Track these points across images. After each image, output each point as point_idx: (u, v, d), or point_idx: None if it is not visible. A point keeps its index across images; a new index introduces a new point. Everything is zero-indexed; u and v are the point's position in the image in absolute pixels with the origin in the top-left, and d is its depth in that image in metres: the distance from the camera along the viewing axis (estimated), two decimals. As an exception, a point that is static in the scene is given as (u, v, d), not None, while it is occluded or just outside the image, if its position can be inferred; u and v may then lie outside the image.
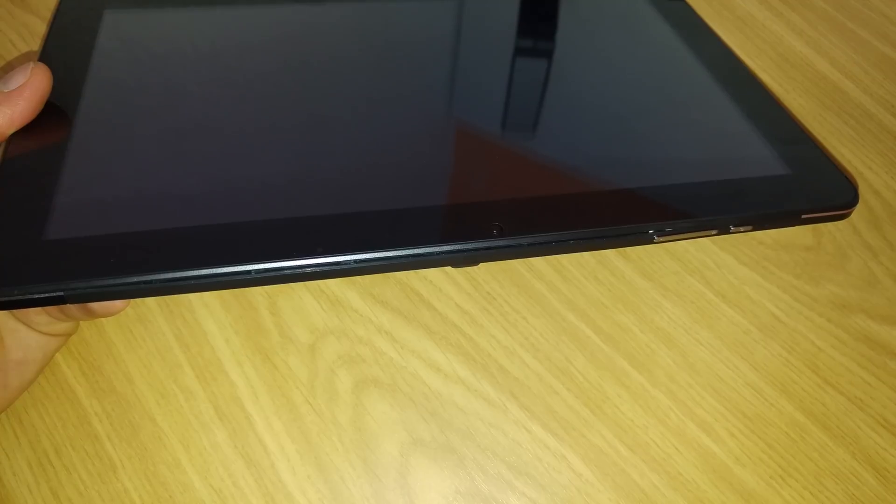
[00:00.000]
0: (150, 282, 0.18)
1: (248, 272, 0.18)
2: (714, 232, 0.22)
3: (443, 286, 0.25)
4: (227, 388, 0.22)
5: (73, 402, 0.21)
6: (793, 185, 0.24)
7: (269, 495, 0.20)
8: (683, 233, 0.21)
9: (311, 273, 0.19)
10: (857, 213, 0.30)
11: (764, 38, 0.37)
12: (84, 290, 0.17)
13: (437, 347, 0.23)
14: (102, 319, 0.23)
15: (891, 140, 0.33)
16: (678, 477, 0.22)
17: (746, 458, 0.22)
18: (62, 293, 0.17)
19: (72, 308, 0.20)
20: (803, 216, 0.23)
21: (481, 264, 0.25)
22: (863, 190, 0.31)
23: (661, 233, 0.21)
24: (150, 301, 0.23)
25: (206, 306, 0.23)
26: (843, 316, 0.26)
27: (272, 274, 0.18)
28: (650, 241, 0.21)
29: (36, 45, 0.30)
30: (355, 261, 0.19)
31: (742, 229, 0.22)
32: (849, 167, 0.31)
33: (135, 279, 0.18)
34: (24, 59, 0.29)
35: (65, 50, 0.24)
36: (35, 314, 0.20)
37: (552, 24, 0.30)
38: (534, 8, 0.31)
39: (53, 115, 0.21)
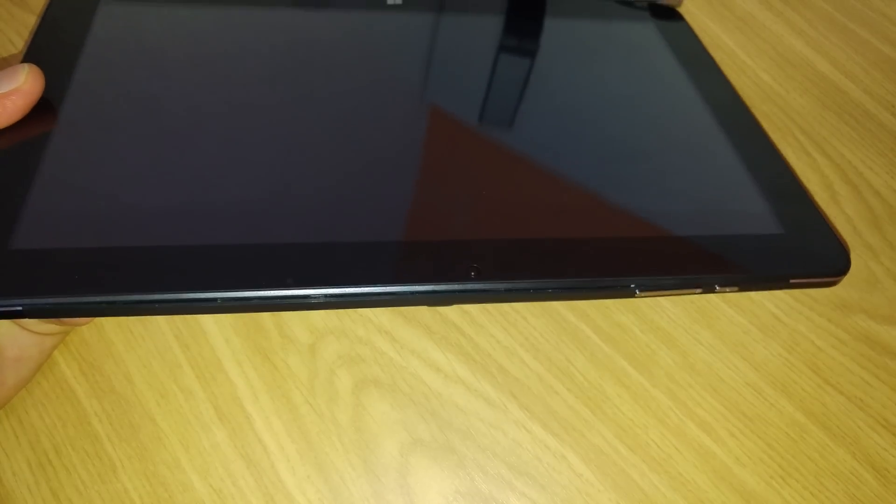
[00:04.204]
0: (114, 303, 0.17)
1: (215, 300, 0.18)
2: (699, 291, 0.21)
3: (443, 286, 0.25)
4: (227, 388, 0.22)
5: (73, 402, 0.21)
6: (784, 245, 0.23)
7: (269, 495, 0.20)
8: (667, 290, 0.21)
9: (280, 304, 0.18)
10: (858, 213, 0.30)
11: (764, 38, 0.37)
12: (44, 306, 0.17)
13: (437, 347, 0.23)
14: (102, 319, 0.23)
15: (891, 140, 0.33)
16: (678, 477, 0.22)
17: (746, 458, 0.22)
18: (20, 308, 0.16)
19: None
20: (791, 280, 0.22)
21: None
22: (863, 190, 0.31)
23: (644, 288, 0.20)
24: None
25: (205, 306, 0.23)
26: (843, 316, 0.26)
27: (240, 303, 0.18)
28: (632, 295, 0.21)
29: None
30: (325, 295, 0.18)
31: (728, 290, 0.21)
32: (849, 167, 0.31)
33: (97, 299, 0.17)
34: (20, 59, 0.29)
35: (52, 47, 0.23)
36: None
37: (546, 60, 0.29)
38: (527, 41, 0.30)
39: (33, 119, 0.21)
